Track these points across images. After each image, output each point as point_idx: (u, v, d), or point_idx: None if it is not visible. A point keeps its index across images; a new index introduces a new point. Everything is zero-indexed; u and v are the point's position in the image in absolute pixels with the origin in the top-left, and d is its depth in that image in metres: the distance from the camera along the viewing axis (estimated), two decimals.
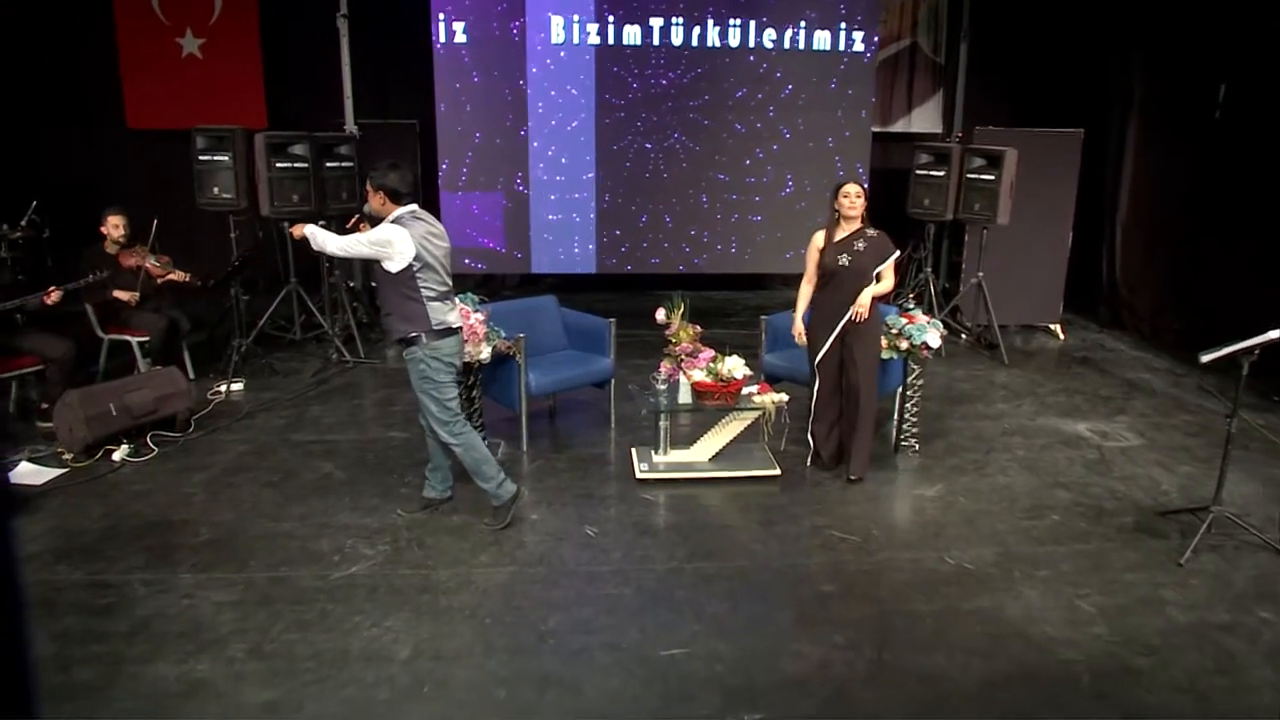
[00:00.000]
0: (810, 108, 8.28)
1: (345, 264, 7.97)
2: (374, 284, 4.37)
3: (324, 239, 4.09)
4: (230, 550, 4.03)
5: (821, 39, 8.17)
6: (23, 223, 7.27)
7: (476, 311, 4.85)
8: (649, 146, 8.15)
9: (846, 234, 4.70)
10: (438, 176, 8.15)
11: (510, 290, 9.35)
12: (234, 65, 8.79)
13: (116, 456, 5.02)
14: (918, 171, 7.62)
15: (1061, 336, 8.15)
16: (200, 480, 4.80)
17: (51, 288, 5.54)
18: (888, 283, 4.66)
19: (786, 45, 8.14)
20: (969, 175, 7.35)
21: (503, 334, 4.93)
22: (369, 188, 4.07)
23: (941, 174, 7.47)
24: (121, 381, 5.35)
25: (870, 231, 4.68)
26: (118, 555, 3.97)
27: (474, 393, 5.06)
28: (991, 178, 7.20)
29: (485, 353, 4.84)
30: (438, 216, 8.59)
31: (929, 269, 7.97)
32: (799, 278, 4.99)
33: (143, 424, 5.26)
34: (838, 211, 4.70)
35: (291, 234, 4.23)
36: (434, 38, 7.87)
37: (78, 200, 7.71)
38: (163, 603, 3.58)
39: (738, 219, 8.48)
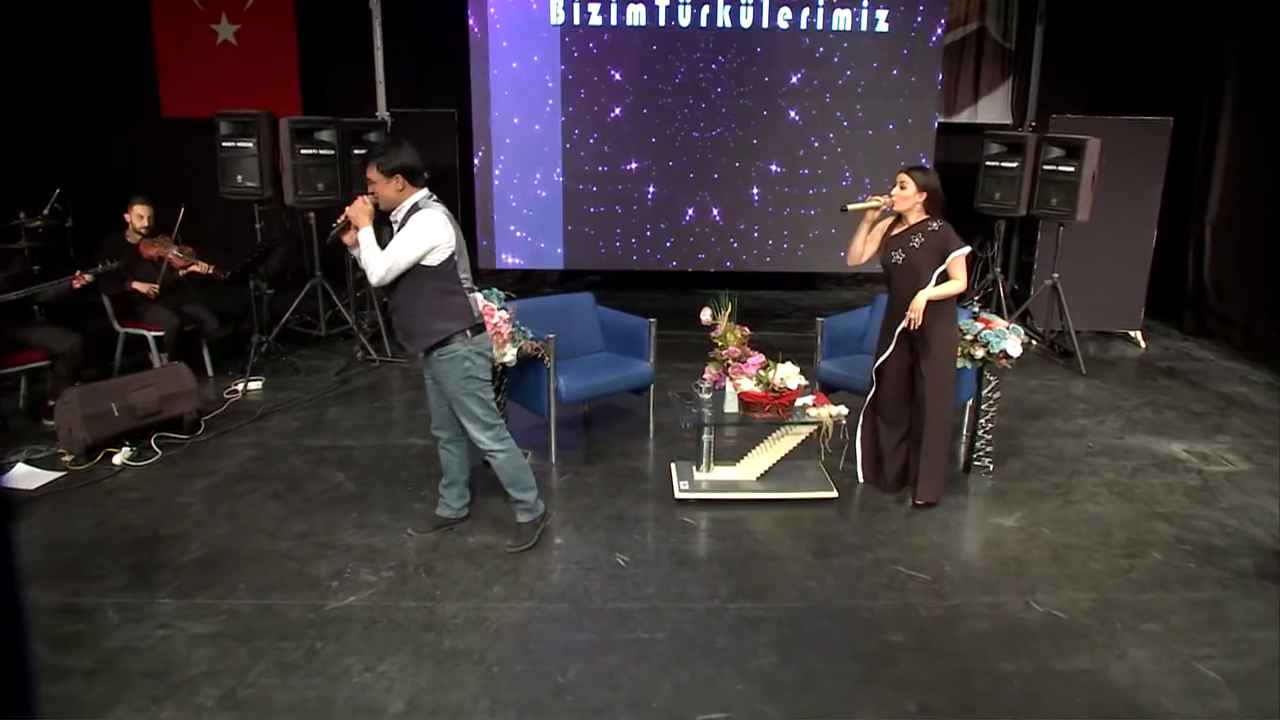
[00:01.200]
0: (870, 94, 7.70)
1: None
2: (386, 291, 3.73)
3: (370, 257, 3.57)
4: (219, 571, 3.63)
5: (883, 20, 7.58)
6: (44, 211, 7.04)
7: (502, 309, 4.40)
8: (696, 135, 7.64)
9: (905, 227, 4.16)
10: (473, 166, 7.74)
11: (550, 287, 8.93)
12: (269, 53, 8.51)
13: (117, 460, 4.67)
14: (988, 163, 6.99)
15: (1143, 344, 7.45)
16: (201, 488, 4.42)
17: (79, 271, 5.27)
18: (955, 284, 4.07)
19: (845, 27, 7.57)
20: (1045, 167, 6.70)
21: (530, 334, 4.47)
22: (375, 175, 3.55)
23: (1014, 165, 6.83)
24: (126, 379, 5.02)
25: (933, 225, 4.11)
26: (98, 574, 3.59)
27: (499, 398, 4.60)
28: (1071, 169, 6.55)
29: (510, 355, 4.39)
30: (472, 209, 8.33)
31: (998, 269, 7.34)
32: (855, 278, 4.46)
33: (147, 425, 4.91)
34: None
35: (343, 240, 3.68)
36: (470, 21, 7.46)
37: (109, 189, 7.48)
38: (134, 634, 3.17)
39: (790, 213, 7.93)
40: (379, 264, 3.54)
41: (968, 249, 4.10)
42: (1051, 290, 6.93)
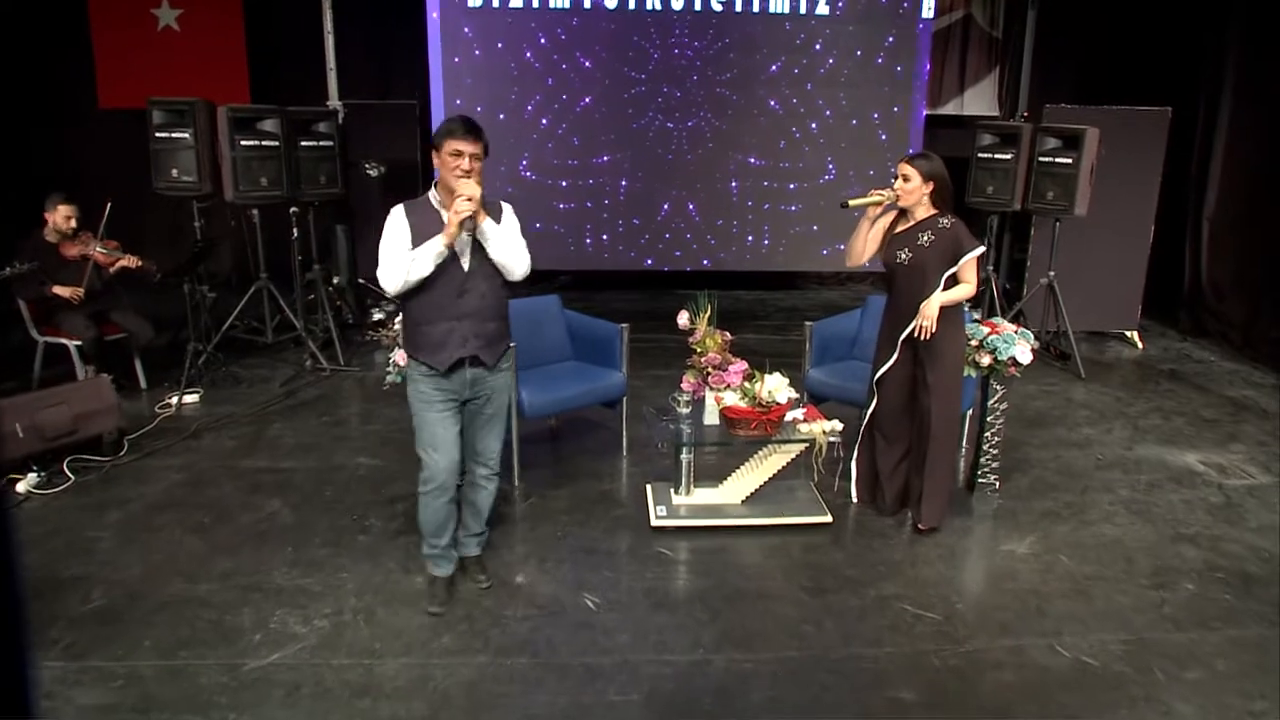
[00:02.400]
0: (854, 83, 7.29)
1: (330, 257, 7.09)
2: (465, 287, 3.06)
3: (517, 248, 3.15)
4: (121, 625, 3.12)
5: (868, 5, 7.18)
6: None
7: None
8: (671, 126, 7.19)
9: (912, 224, 3.73)
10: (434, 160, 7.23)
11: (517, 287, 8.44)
12: (215, 39, 7.94)
13: (20, 488, 4.14)
14: (980, 155, 6.60)
15: (1140, 345, 7.10)
16: (114, 520, 3.90)
17: None
18: (966, 288, 3.66)
19: (827, 11, 7.15)
20: (1041, 159, 6.32)
21: None
22: (480, 152, 3.00)
23: (1008, 157, 6.45)
24: (34, 395, 4.48)
25: (944, 221, 3.67)
26: None
27: None
28: (1069, 161, 6.17)
29: None
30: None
31: (990, 267, 6.95)
32: (837, 277, 4.04)
33: (59, 447, 4.38)
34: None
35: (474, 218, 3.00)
36: (428, 6, 6.96)
37: (41, 187, 6.90)
38: None
39: (770, 209, 7.51)
40: (525, 255, 3.17)
41: (981, 249, 3.67)
42: (1047, 289, 6.55)
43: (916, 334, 3.65)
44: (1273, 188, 6.71)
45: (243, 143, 5.81)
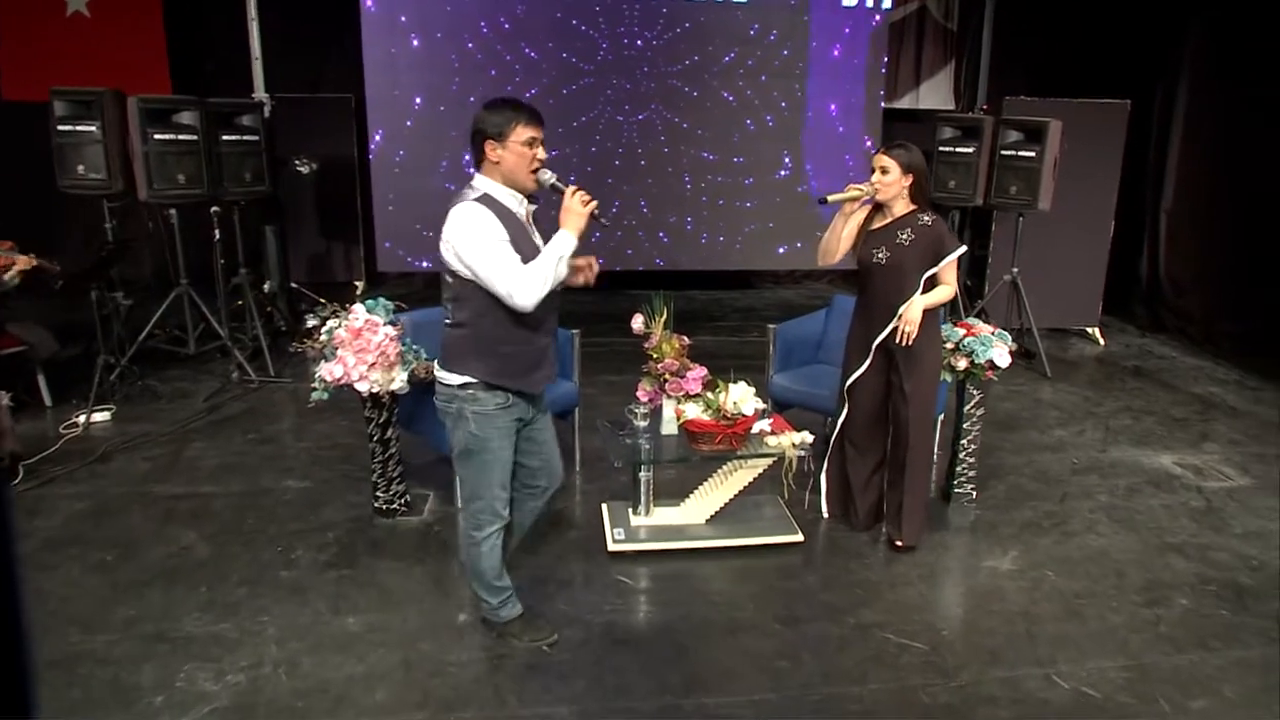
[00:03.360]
0: (810, 75, 7.05)
1: (260, 260, 6.63)
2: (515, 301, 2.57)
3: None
4: None
5: None
6: None
7: (388, 324, 3.55)
8: (621, 119, 6.87)
9: (890, 220, 3.45)
10: (369, 154, 6.82)
11: None
12: (130, 26, 7.39)
13: None
14: (941, 149, 6.40)
15: (1102, 342, 6.99)
16: None
17: None
18: (946, 289, 3.41)
19: (782, 0, 6.90)
20: (1003, 152, 6.14)
21: (424, 355, 3.63)
22: (542, 137, 2.65)
23: (970, 151, 6.26)
24: None
25: (924, 218, 3.41)
26: None
27: (389, 432, 3.75)
28: (1031, 154, 5.99)
29: (399, 380, 3.54)
30: (368, 202, 7.39)
31: None
32: (793, 275, 3.76)
33: None
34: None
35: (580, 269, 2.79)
36: None
37: None
38: None
39: (725, 205, 7.23)
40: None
41: (963, 248, 3.42)
42: (1011, 286, 6.39)
43: (898, 339, 3.38)
44: (1230, 181, 6.64)
45: (156, 136, 5.33)
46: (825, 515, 3.83)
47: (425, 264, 7.12)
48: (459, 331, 2.66)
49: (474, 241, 2.51)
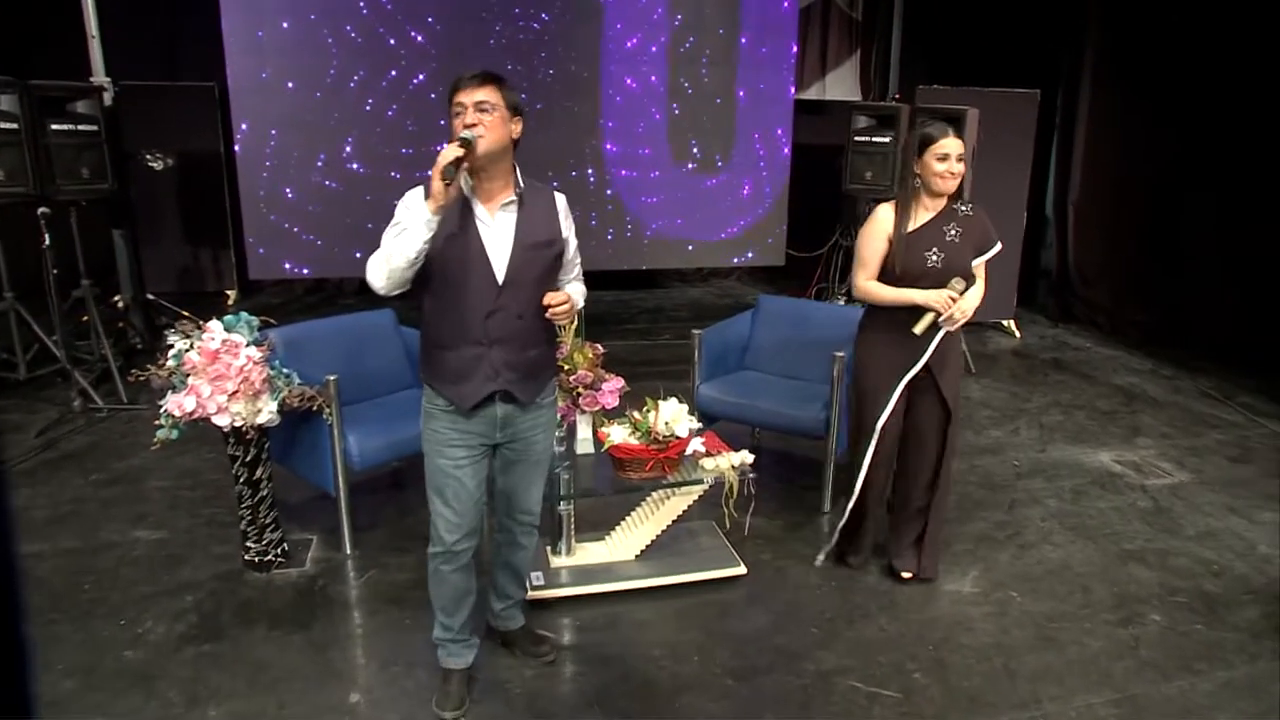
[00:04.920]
0: (717, 61, 6.69)
1: (109, 270, 5.82)
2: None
3: (578, 298, 2.45)
4: None
5: None
6: None
7: (251, 344, 2.96)
8: None
9: (932, 215, 2.90)
10: (234, 147, 6.08)
11: (351, 299, 7.38)
12: None
13: None
14: (856, 139, 6.14)
15: (1017, 334, 6.89)
16: None
17: None
18: (980, 288, 2.97)
19: None
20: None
21: (297, 379, 3.05)
22: (498, 99, 2.20)
23: (887, 140, 6.02)
24: None
25: (962, 208, 2.93)
26: None
27: (258, 471, 3.15)
28: None
29: (268, 413, 2.95)
30: (236, 202, 6.63)
31: None
32: (699, 273, 3.32)
33: None
34: (918, 181, 2.89)
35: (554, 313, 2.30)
36: None
37: None
38: None
39: (629, 199, 6.79)
40: (584, 292, 2.54)
41: (1000, 245, 2.97)
42: None
43: (943, 323, 2.86)
44: (1135, 172, 6.64)
45: None
46: (819, 563, 3.30)
47: (305, 270, 6.42)
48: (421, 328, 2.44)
49: None
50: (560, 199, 2.40)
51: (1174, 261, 6.38)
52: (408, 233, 2.16)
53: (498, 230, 2.27)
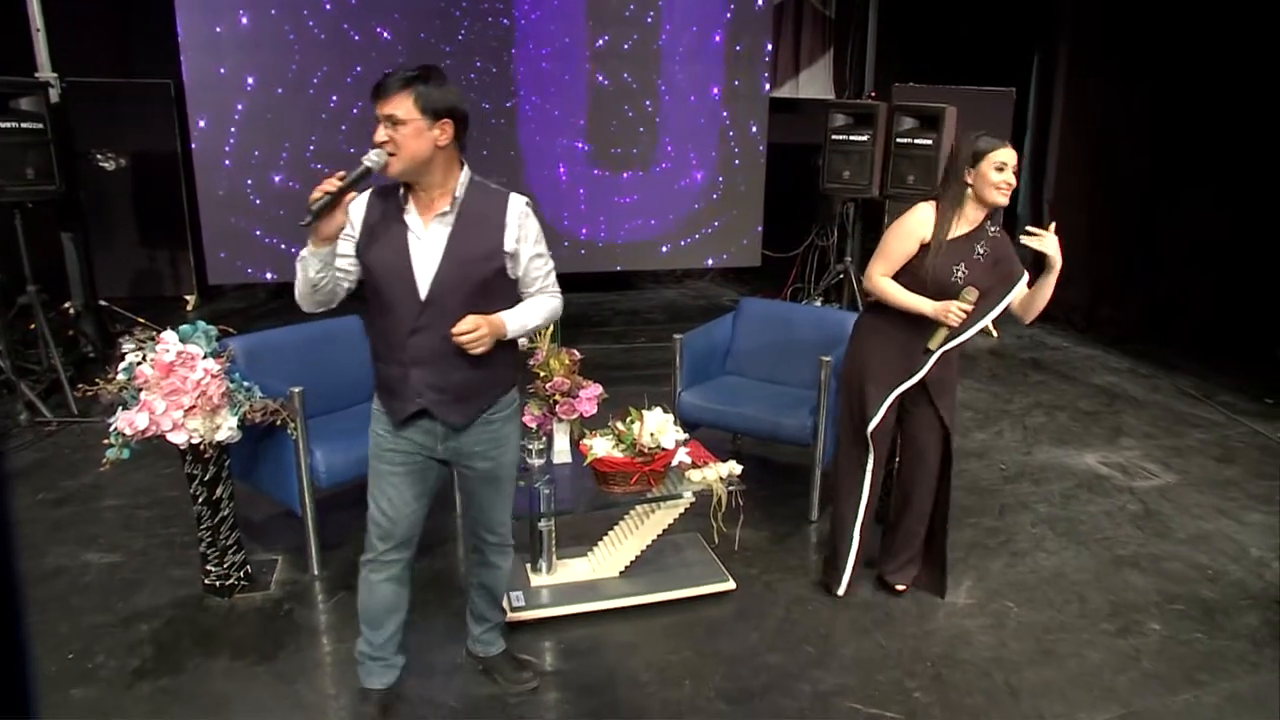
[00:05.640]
0: (691, 59, 6.57)
1: (59, 275, 5.55)
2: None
3: (522, 319, 2.22)
4: None
5: None
6: None
7: (209, 355, 2.77)
8: (487, 106, 6.17)
9: (967, 230, 2.77)
10: (190, 145, 5.85)
11: None
12: None
13: None
14: (833, 137, 6.06)
15: (995, 334, 6.85)
16: None
17: None
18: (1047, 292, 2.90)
19: None
20: (899, 140, 5.85)
21: (259, 393, 2.87)
22: (408, 108, 2.00)
23: (865, 139, 5.94)
24: None
25: (992, 228, 2.81)
26: None
27: (218, 490, 2.97)
28: (928, 142, 5.73)
29: (227, 429, 2.77)
30: (194, 203, 6.39)
31: (849, 258, 6.45)
32: (673, 274, 3.20)
33: None
34: (969, 190, 2.74)
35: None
36: None
37: None
38: None
39: (602, 200, 6.65)
40: (537, 313, 2.26)
41: (1027, 275, 2.88)
42: None
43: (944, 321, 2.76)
44: (1110, 170, 6.63)
45: None
46: (843, 591, 3.10)
47: (269, 275, 6.19)
48: None
49: None
50: (514, 206, 2.18)
51: (1150, 259, 6.37)
52: (300, 262, 2.06)
53: (429, 243, 2.12)
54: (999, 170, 2.69)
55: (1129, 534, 3.63)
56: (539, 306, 2.25)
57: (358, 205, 2.16)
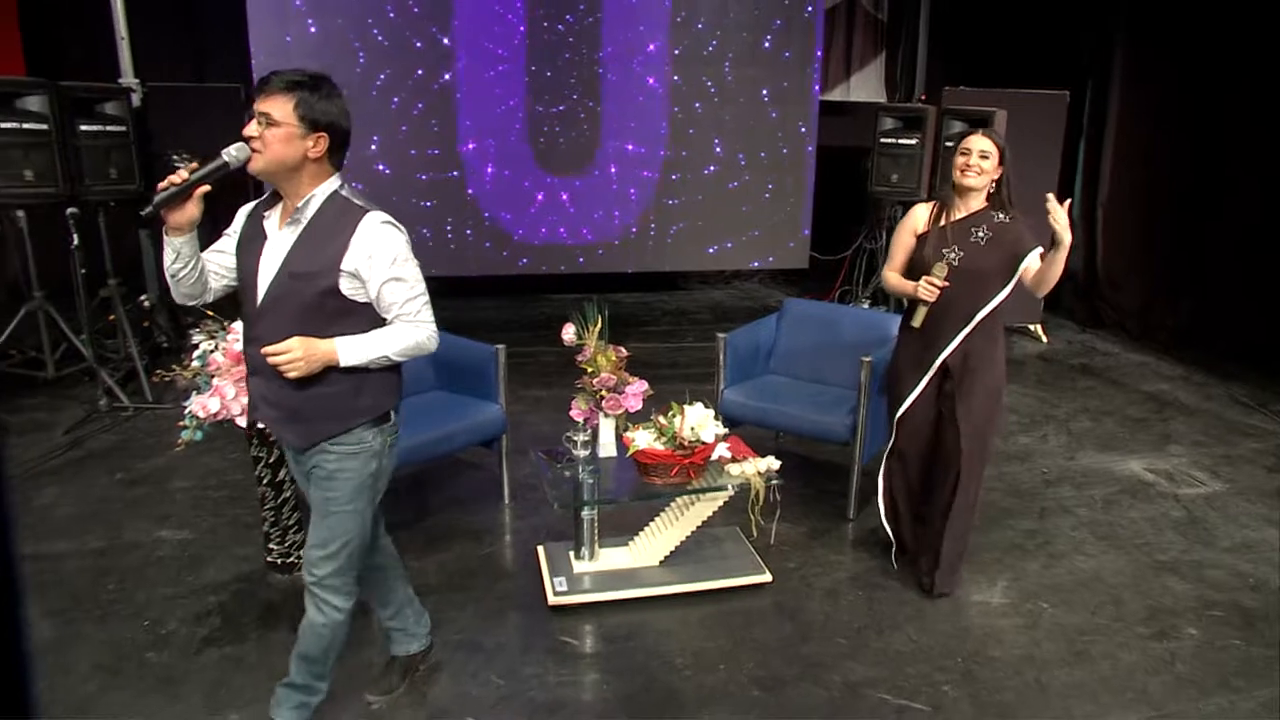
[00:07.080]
0: (741, 63, 6.65)
1: (135, 269, 5.86)
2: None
3: (365, 348, 2.07)
4: None
5: None
6: None
7: None
8: (540, 109, 6.34)
9: (964, 215, 2.96)
10: None
11: None
12: None
13: None
14: (882, 140, 6.09)
15: (1045, 339, 6.79)
16: None
17: None
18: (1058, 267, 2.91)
19: None
20: (948, 143, 5.86)
21: None
22: (283, 111, 1.96)
23: (913, 142, 5.96)
24: None
25: (1000, 216, 2.95)
26: None
27: (281, 472, 3.15)
28: None
29: None
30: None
31: None
32: (721, 275, 3.30)
33: None
34: (952, 179, 2.98)
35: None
36: None
37: None
38: None
39: (653, 202, 6.77)
40: (394, 343, 2.10)
41: (1039, 248, 2.95)
42: None
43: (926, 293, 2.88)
44: (1164, 173, 6.53)
45: None
46: (895, 558, 3.30)
47: None
48: None
49: None
50: (366, 225, 2.02)
51: (1203, 265, 6.26)
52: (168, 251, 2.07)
53: (276, 250, 2.07)
54: (962, 155, 2.92)
55: (1170, 540, 3.62)
56: (393, 336, 2.08)
57: (249, 204, 2.18)
